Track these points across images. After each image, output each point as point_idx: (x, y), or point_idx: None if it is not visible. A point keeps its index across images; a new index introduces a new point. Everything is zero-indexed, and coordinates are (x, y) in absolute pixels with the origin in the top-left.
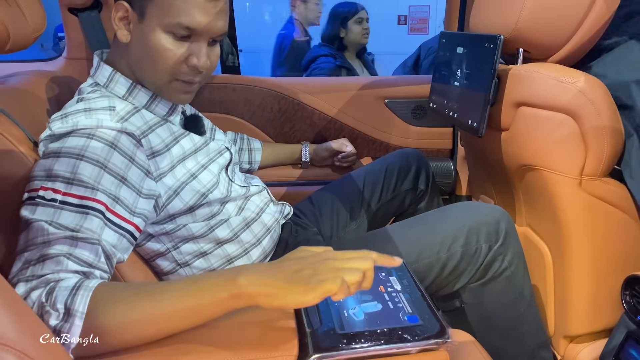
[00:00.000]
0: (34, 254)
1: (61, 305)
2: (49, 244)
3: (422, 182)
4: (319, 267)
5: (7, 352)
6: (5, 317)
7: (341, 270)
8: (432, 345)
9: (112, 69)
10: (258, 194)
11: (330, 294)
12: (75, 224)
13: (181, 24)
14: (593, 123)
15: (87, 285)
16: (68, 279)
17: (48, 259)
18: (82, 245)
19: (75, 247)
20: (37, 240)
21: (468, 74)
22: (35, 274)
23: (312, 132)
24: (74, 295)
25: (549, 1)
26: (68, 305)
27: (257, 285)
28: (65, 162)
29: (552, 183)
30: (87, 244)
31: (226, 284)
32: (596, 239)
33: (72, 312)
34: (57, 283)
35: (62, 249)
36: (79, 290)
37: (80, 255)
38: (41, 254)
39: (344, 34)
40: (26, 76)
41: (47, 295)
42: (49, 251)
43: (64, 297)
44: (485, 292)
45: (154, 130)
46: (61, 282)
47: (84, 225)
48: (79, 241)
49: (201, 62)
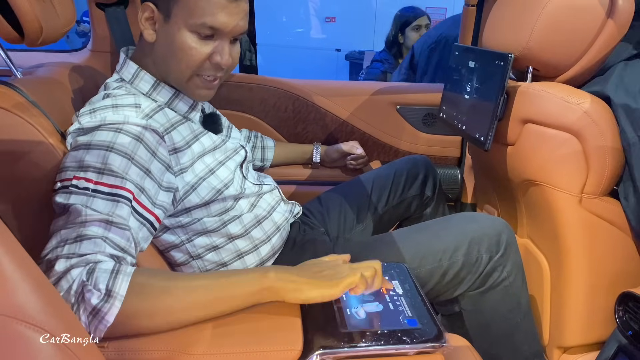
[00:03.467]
0: (71, 233)
1: (103, 286)
2: (84, 224)
3: (429, 189)
4: (337, 268)
5: (36, 332)
6: (36, 300)
7: (358, 269)
8: (429, 349)
9: (137, 67)
10: (270, 192)
11: (352, 286)
12: (107, 211)
13: (205, 24)
14: (596, 143)
15: (125, 270)
16: (106, 262)
17: (85, 239)
18: (115, 230)
19: (109, 231)
20: (75, 221)
21: (478, 88)
22: (74, 252)
23: (323, 133)
24: (114, 278)
25: (559, 24)
26: (109, 287)
27: (284, 281)
28: (95, 153)
29: (554, 199)
30: (119, 229)
31: (257, 278)
32: (593, 255)
33: (112, 293)
34: (96, 264)
35: (98, 231)
36: (118, 274)
37: (115, 240)
38: (78, 233)
39: (402, 40)
40: (53, 67)
41: (87, 274)
42: (85, 232)
43: (105, 279)
44: (484, 300)
45: (176, 128)
46: (100, 264)
47: (116, 212)
48: (113, 226)
49: (224, 60)
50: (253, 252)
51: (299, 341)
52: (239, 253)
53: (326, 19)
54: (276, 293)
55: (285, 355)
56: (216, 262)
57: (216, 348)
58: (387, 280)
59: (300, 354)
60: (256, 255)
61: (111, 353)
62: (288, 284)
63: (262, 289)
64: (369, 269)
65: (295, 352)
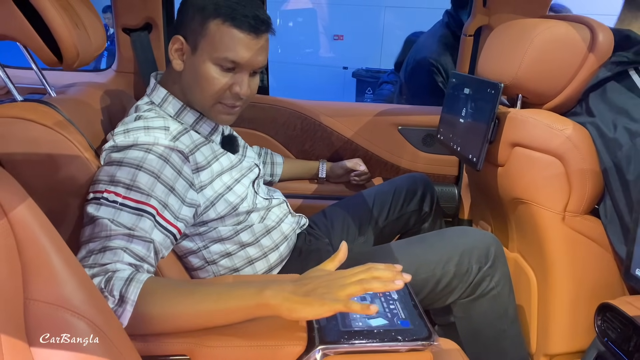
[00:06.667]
0: (97, 245)
1: (117, 293)
2: (109, 238)
3: (426, 205)
4: (331, 285)
5: (79, 320)
6: (81, 294)
7: (349, 287)
8: (419, 346)
9: (166, 92)
10: (278, 205)
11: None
12: (131, 224)
13: (227, 58)
14: (578, 166)
15: (138, 278)
16: (123, 270)
17: (108, 250)
18: (137, 242)
19: (130, 243)
20: (101, 234)
21: (472, 113)
22: (97, 262)
23: (329, 151)
24: (127, 285)
25: (545, 56)
26: (122, 293)
27: (280, 299)
28: (126, 170)
29: (539, 216)
30: (141, 241)
31: (255, 295)
32: (576, 269)
33: (125, 299)
34: (114, 273)
35: (120, 243)
36: (132, 282)
37: (134, 250)
38: (103, 245)
39: None
40: (84, 87)
41: (105, 282)
42: (109, 244)
43: (119, 286)
44: (474, 307)
45: (199, 149)
46: (117, 272)
47: (139, 225)
48: (134, 238)
49: (243, 91)
50: (262, 259)
51: (303, 337)
52: (249, 259)
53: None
54: (272, 310)
55: (291, 349)
56: (229, 267)
57: (230, 342)
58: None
59: (305, 348)
60: (265, 262)
61: (138, 343)
62: (283, 302)
63: (258, 305)
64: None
65: (300, 347)
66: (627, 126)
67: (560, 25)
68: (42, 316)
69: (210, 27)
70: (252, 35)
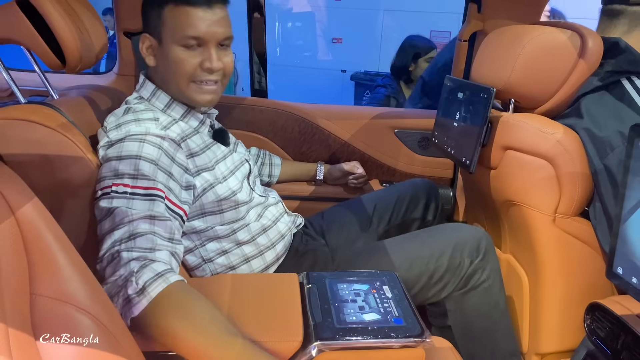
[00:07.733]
0: (124, 232)
1: (142, 282)
2: (132, 223)
3: (430, 213)
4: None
5: (83, 315)
6: (84, 290)
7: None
8: (412, 343)
9: (155, 86)
10: (274, 204)
11: None
12: (147, 209)
13: (188, 35)
14: (567, 169)
15: (168, 277)
16: (159, 263)
17: (139, 236)
18: (159, 223)
19: (154, 225)
20: (124, 220)
21: (465, 116)
22: (133, 247)
23: (327, 153)
24: (154, 280)
25: (536, 62)
26: (146, 285)
27: None
28: (127, 162)
29: (531, 218)
30: (162, 222)
31: (229, 342)
32: (566, 269)
33: (145, 292)
34: (152, 262)
35: (146, 227)
36: (159, 278)
37: (160, 232)
38: (130, 232)
39: (413, 68)
40: (85, 90)
41: (139, 268)
42: (136, 230)
43: (147, 277)
44: (466, 300)
45: (190, 138)
46: (153, 264)
47: (154, 209)
48: (156, 220)
49: (213, 64)
50: (258, 257)
51: (300, 334)
52: (245, 257)
53: (333, 40)
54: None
55: (288, 345)
56: (226, 265)
57: None
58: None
59: (301, 344)
60: (261, 260)
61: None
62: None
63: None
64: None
65: (297, 343)
66: (620, 129)
67: (551, 31)
68: (48, 311)
69: (166, 14)
70: (204, 7)
